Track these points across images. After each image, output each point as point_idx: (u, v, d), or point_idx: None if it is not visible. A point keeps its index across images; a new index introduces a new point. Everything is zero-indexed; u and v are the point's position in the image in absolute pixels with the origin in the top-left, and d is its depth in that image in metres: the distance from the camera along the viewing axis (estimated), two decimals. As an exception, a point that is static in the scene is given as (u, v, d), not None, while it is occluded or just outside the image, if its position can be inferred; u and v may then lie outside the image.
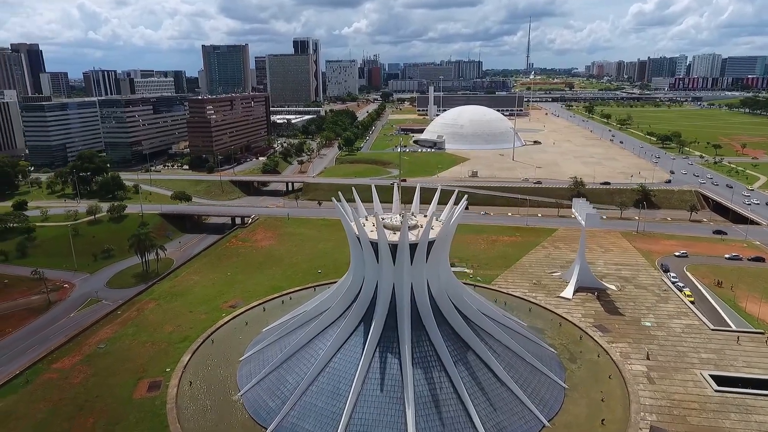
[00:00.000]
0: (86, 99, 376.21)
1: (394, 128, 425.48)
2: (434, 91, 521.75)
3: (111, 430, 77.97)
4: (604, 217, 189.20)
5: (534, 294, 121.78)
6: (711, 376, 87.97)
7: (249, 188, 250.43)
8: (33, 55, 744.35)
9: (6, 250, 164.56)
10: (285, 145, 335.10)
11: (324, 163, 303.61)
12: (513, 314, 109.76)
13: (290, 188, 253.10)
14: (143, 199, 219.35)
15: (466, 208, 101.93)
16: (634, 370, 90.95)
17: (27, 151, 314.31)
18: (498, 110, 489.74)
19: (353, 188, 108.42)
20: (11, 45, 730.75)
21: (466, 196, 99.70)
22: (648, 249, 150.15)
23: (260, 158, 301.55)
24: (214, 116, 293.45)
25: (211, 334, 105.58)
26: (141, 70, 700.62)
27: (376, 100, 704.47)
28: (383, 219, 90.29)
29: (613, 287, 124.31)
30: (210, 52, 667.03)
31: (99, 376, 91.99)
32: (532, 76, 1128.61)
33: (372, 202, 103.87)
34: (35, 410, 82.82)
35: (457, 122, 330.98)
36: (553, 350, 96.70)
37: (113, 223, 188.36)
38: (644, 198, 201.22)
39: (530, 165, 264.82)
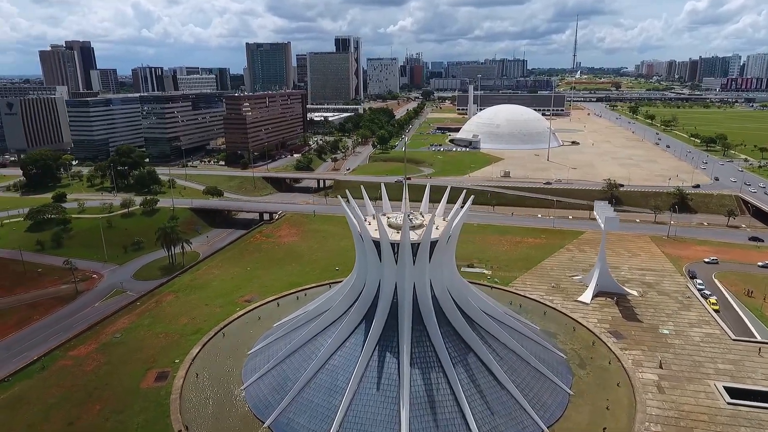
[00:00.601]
0: (128, 95, 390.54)
1: (431, 127, 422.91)
2: (475, 90, 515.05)
3: (115, 417, 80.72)
4: (638, 220, 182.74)
5: (551, 297, 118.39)
6: (725, 387, 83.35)
7: (281, 185, 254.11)
8: (85, 52, 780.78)
9: (42, 240, 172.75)
10: (320, 142, 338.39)
11: (358, 161, 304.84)
12: (526, 317, 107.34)
13: (321, 185, 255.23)
14: (177, 193, 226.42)
15: (493, 207, 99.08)
16: (644, 379, 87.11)
17: (72, 145, 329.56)
18: (538, 110, 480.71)
19: (361, 187, 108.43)
20: (66, 43, 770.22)
21: (472, 196, 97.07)
22: (677, 254, 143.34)
23: (295, 155, 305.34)
24: (250, 113, 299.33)
25: (223, 327, 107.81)
26: (186, 67, 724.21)
27: (417, 98, 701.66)
28: (389, 218, 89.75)
29: (634, 293, 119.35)
30: (254, 50, 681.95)
31: (111, 364, 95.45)
32: (578, 76, 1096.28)
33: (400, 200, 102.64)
34: (47, 395, 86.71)
35: (493, 122, 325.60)
36: (562, 355, 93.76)
37: (145, 217, 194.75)
38: (681, 202, 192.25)
39: (565, 166, 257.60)
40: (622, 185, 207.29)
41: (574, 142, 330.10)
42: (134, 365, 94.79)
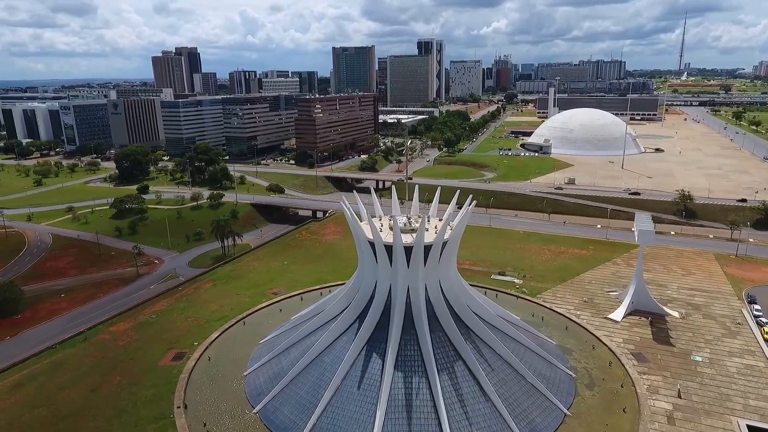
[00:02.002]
0: (215, 97, 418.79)
1: (505, 130, 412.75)
2: (563, 92, 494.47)
3: (129, 389, 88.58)
4: (711, 236, 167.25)
5: (579, 312, 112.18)
6: (748, 426, 74.61)
7: (342, 184, 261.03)
8: (192, 57, 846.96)
9: (121, 227, 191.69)
10: (389, 144, 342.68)
11: (424, 163, 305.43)
12: (545, 330, 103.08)
13: (381, 186, 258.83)
14: (245, 189, 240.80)
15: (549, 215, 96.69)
16: (656, 407, 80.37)
17: (165, 142, 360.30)
18: (629, 114, 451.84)
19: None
20: (176, 49, 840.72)
21: (470, 197, 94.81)
22: (741, 276, 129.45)
23: (362, 156, 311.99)
24: (321, 115, 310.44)
25: (246, 316, 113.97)
26: (277, 71, 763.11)
27: (500, 101, 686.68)
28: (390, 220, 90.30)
29: (675, 314, 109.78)
30: (339, 54, 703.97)
31: (140, 341, 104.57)
32: (683, 78, 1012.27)
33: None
34: (81, 364, 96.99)
35: (567, 126, 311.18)
36: (570, 373, 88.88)
37: (211, 210, 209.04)
38: (765, 218, 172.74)
39: (640, 174, 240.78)
40: (693, 198, 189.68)
41: (657, 149, 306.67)
42: (159, 344, 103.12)
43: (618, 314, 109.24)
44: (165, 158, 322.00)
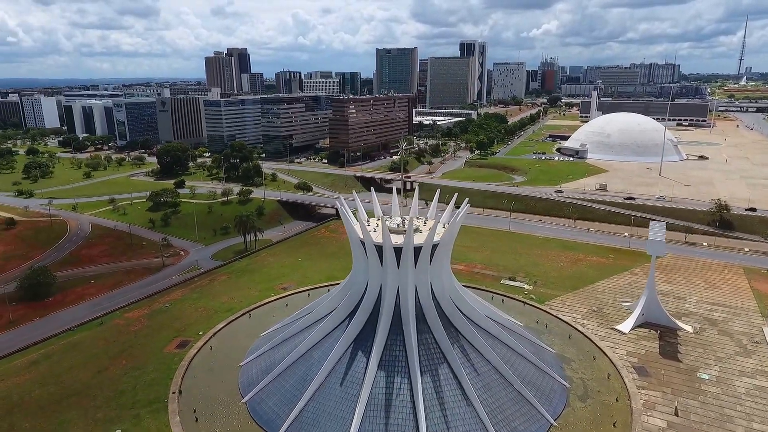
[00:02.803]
0: (255, 96, 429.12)
1: (543, 134, 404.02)
2: (610, 96, 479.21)
3: (132, 372, 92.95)
4: (747, 249, 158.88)
5: (585, 321, 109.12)
6: (744, 451, 70.71)
7: (370, 184, 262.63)
8: (242, 58, 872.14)
9: (154, 219, 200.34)
10: (421, 145, 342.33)
11: (455, 165, 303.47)
12: (545, 338, 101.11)
13: (409, 187, 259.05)
14: (276, 186, 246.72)
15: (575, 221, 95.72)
16: (649, 424, 77.51)
17: (207, 139, 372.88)
18: (677, 120, 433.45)
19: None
20: (227, 50, 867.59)
21: (467, 200, 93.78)
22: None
23: (394, 157, 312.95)
24: (354, 115, 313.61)
25: (252, 309, 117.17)
26: (321, 72, 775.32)
27: (544, 104, 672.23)
28: (387, 220, 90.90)
29: (688, 328, 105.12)
30: (382, 56, 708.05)
31: (150, 328, 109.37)
32: (743, 82, 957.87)
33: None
34: (93, 346, 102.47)
35: (604, 130, 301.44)
36: (564, 383, 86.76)
37: (240, 205, 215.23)
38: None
39: (677, 182, 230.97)
40: (729, 208, 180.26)
41: (701, 157, 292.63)
42: (167, 332, 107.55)
43: (626, 326, 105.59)
44: (206, 154, 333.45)
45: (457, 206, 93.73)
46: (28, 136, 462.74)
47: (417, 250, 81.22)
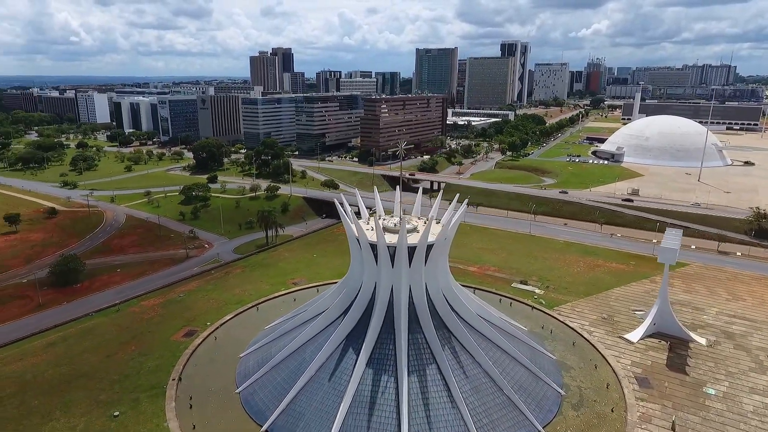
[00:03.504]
0: (291, 95, 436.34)
1: (581, 136, 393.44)
2: (657, 98, 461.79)
3: (139, 358, 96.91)
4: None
5: (593, 329, 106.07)
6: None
7: (397, 183, 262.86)
8: (286, 57, 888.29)
9: (184, 212, 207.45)
10: (454, 145, 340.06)
11: (486, 167, 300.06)
12: (548, 344, 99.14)
13: (436, 187, 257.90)
14: (305, 183, 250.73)
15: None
16: (641, 438, 74.69)
17: (243, 136, 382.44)
18: (726, 123, 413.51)
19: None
20: (272, 49, 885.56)
21: (466, 200, 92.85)
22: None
23: (425, 157, 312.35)
24: (386, 115, 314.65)
25: (261, 302, 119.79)
26: (361, 71, 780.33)
27: (586, 105, 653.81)
28: (384, 219, 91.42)
29: (701, 341, 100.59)
30: (422, 56, 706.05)
31: (162, 317, 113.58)
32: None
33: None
34: (107, 332, 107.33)
35: (643, 134, 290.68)
36: (559, 390, 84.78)
37: (267, 201, 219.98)
38: None
39: (716, 188, 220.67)
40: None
41: (747, 162, 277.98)
42: (177, 321, 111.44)
43: (635, 335, 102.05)
44: (242, 151, 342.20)
45: (474, 204, 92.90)
46: (80, 130, 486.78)
47: (412, 249, 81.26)
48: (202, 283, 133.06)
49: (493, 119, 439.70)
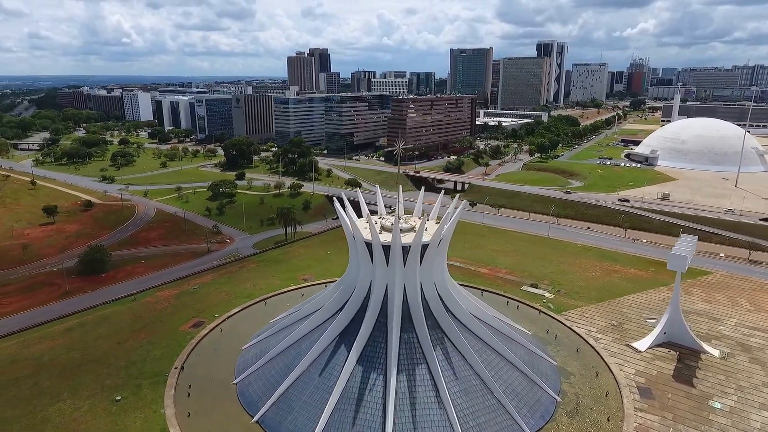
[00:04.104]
0: (322, 95, 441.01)
1: (616, 138, 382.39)
2: (702, 100, 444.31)
3: (146, 346, 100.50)
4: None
5: (600, 336, 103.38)
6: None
7: (421, 183, 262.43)
8: (323, 58, 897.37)
9: (210, 208, 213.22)
10: (483, 146, 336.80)
11: (514, 168, 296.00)
12: (552, 349, 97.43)
13: (461, 188, 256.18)
14: (330, 182, 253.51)
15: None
16: (634, 449, 72.47)
17: (275, 135, 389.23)
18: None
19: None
20: (309, 50, 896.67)
21: (465, 200, 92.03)
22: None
23: (451, 157, 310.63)
24: (413, 115, 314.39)
25: (269, 297, 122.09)
26: (395, 71, 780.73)
27: (626, 107, 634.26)
28: (383, 218, 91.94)
29: (714, 352, 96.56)
30: (457, 56, 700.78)
31: (175, 307, 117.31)
32: None
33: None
34: (121, 320, 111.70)
35: (679, 137, 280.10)
36: (555, 396, 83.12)
37: (290, 198, 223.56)
38: None
39: (755, 194, 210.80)
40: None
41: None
42: (188, 312, 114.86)
43: (643, 343, 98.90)
44: (273, 149, 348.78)
45: (496, 206, 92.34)
46: (124, 127, 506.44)
47: (407, 249, 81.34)
48: (217, 276, 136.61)
49: (526, 120, 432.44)
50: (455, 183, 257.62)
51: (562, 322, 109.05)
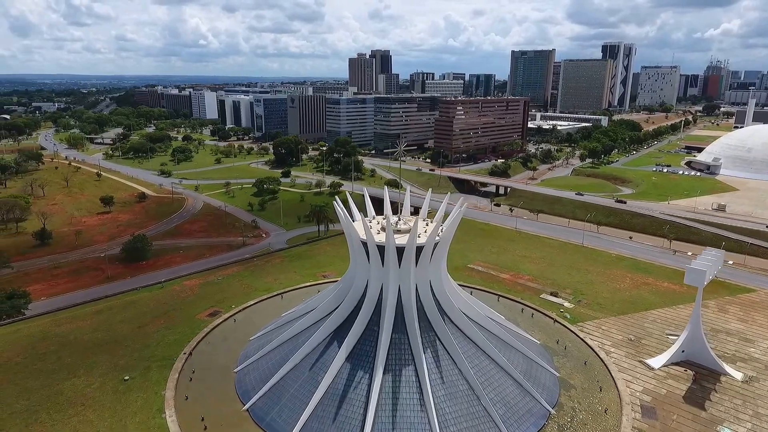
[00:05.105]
0: (374, 96, 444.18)
1: (679, 145, 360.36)
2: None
3: (163, 331, 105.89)
4: None
5: (614, 350, 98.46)
6: None
7: (464, 186, 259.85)
8: (384, 60, 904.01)
9: (253, 203, 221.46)
10: (534, 150, 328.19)
11: (564, 173, 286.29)
12: (557, 360, 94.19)
13: (503, 192, 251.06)
14: (373, 181, 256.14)
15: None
16: (621, 469, 68.71)
17: (326, 134, 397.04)
18: None
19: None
20: (371, 51, 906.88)
21: (464, 200, 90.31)
22: None
23: (499, 160, 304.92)
24: (461, 117, 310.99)
25: (287, 291, 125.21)
26: (453, 73, 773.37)
27: (698, 112, 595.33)
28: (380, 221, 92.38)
29: (736, 375, 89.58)
30: (518, 57, 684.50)
31: (197, 296, 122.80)
32: None
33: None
34: (145, 305, 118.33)
35: (745, 144, 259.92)
36: (548, 407, 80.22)
37: (329, 197, 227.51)
38: None
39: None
40: None
41: None
42: (207, 301, 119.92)
43: (657, 361, 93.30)
44: (323, 148, 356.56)
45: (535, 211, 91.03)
46: (190, 124, 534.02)
47: (399, 250, 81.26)
48: (242, 269, 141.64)
49: (583, 124, 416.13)
50: (497, 186, 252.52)
51: (575, 333, 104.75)
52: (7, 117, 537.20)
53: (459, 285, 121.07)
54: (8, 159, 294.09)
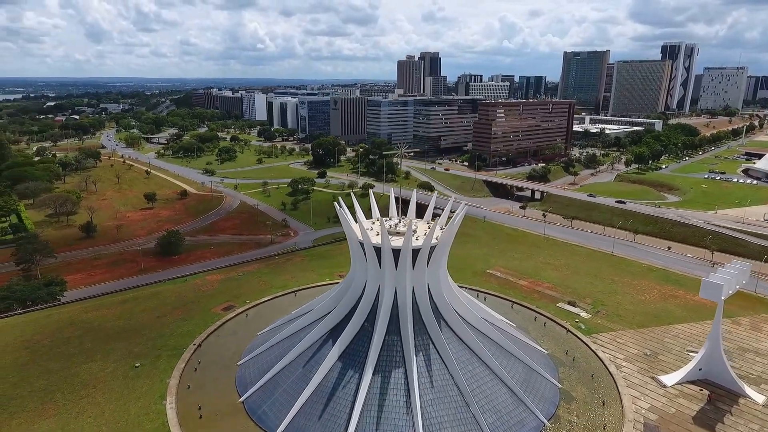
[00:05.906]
0: (416, 97, 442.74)
1: (739, 151, 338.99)
2: None
3: (179, 322, 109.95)
4: None
5: (626, 364, 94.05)
6: None
7: (498, 190, 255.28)
8: (433, 62, 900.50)
9: (286, 203, 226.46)
10: (578, 154, 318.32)
11: (608, 178, 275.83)
12: (563, 371, 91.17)
13: (538, 197, 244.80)
14: (407, 184, 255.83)
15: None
16: (610, 488, 65.56)
17: (366, 136, 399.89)
18: None
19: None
20: (420, 53, 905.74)
21: (465, 206, 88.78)
22: None
23: (539, 164, 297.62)
24: (501, 120, 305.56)
25: (301, 289, 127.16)
26: (502, 75, 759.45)
27: (767, 116, 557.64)
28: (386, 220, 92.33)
29: (758, 398, 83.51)
30: (570, 59, 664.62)
31: (215, 291, 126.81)
32: None
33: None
34: (167, 297, 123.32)
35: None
36: (543, 419, 77.70)
37: (360, 198, 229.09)
38: None
39: None
40: None
41: None
42: (224, 296, 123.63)
43: (671, 378, 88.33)
44: (361, 149, 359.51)
45: (569, 217, 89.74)
46: (239, 125, 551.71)
47: (396, 252, 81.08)
48: (262, 266, 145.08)
49: (634, 128, 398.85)
50: (532, 191, 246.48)
51: (587, 345, 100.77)
52: (77, 117, 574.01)
53: (472, 290, 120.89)
54: (70, 156, 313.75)
